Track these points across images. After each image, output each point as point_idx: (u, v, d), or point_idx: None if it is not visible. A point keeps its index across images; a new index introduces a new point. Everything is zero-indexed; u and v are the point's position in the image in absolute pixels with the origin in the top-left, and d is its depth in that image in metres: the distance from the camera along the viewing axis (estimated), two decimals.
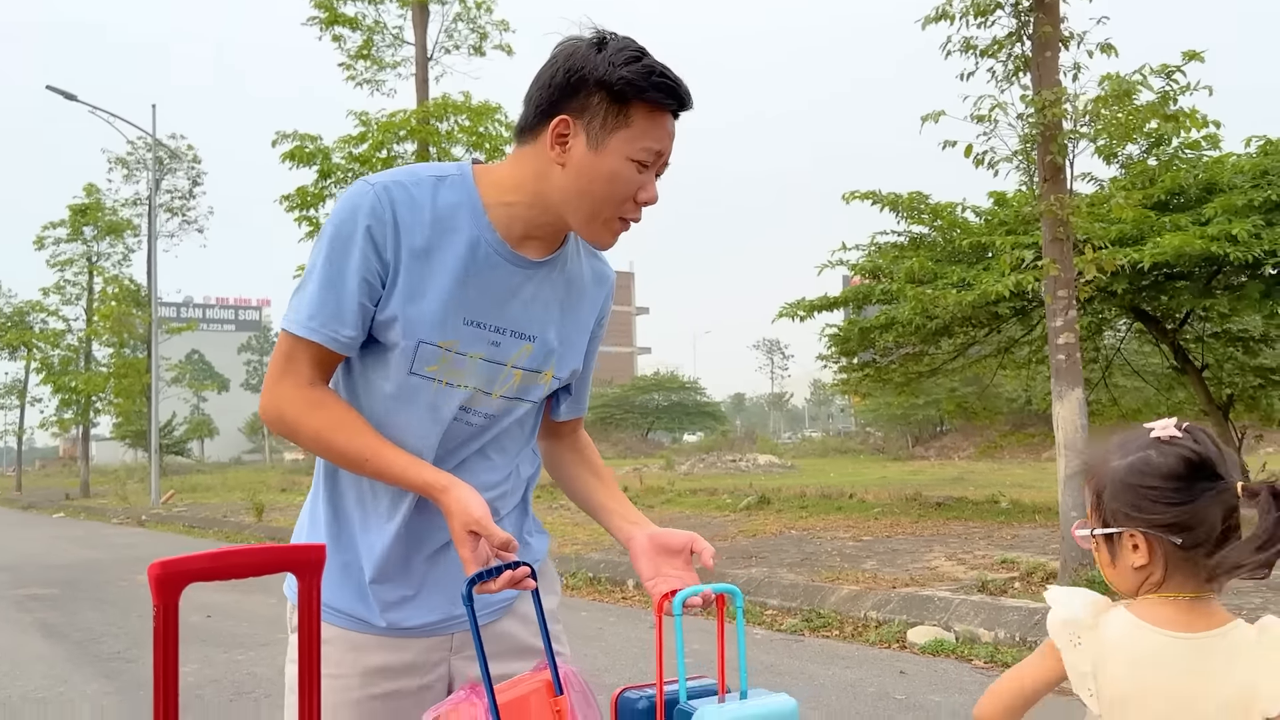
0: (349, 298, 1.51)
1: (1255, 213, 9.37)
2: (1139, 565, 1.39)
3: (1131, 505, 1.38)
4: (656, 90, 1.47)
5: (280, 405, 1.55)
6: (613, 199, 1.51)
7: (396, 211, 1.51)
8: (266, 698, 5.22)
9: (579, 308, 1.69)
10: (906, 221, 12.03)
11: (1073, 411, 6.63)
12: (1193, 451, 1.38)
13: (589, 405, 1.88)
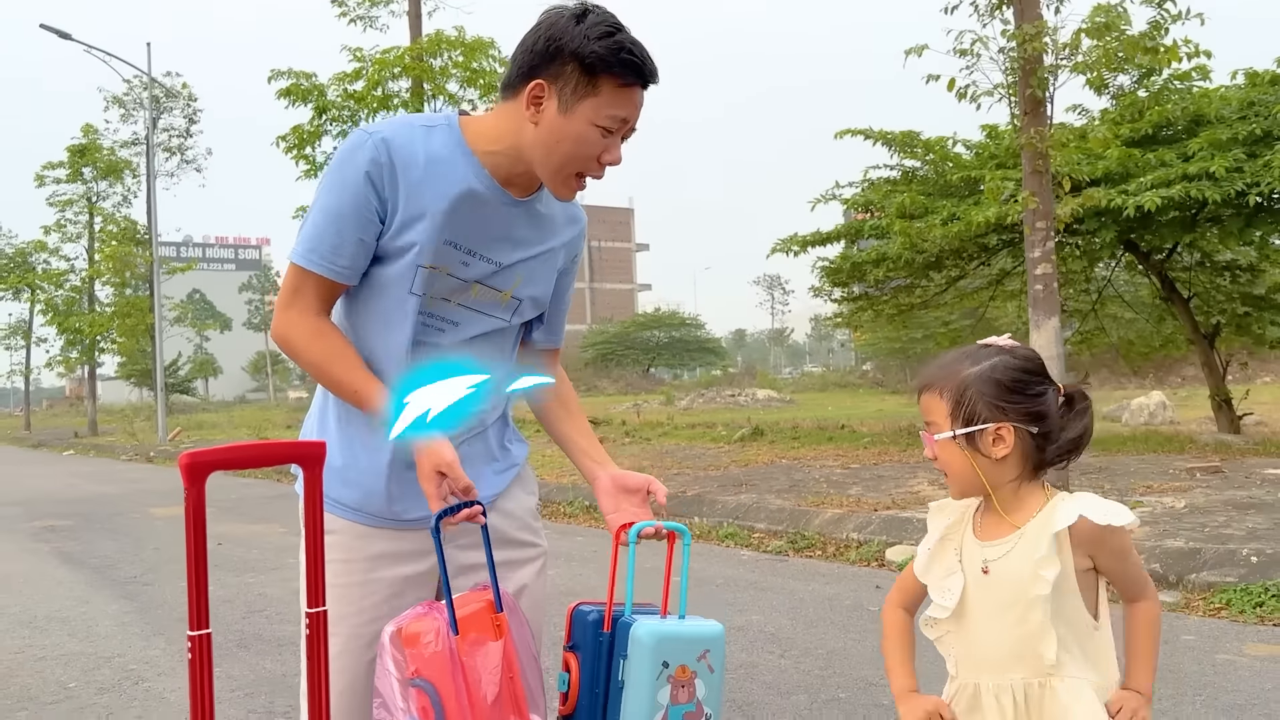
0: (348, 234, 1.72)
1: (1239, 146, 9.50)
2: (1001, 456, 1.60)
3: (999, 399, 1.59)
4: (623, 66, 1.66)
5: (286, 330, 1.78)
6: (577, 158, 1.71)
7: (393, 157, 1.72)
8: (278, 615, 5.53)
9: (547, 242, 1.89)
10: (899, 156, 12.15)
11: (1049, 340, 6.86)
12: (1033, 355, 1.63)
13: (594, 342, 2.12)
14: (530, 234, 1.85)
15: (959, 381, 1.62)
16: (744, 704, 3.72)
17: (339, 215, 1.72)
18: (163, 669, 4.52)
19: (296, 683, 4.16)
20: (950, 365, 1.66)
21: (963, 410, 1.61)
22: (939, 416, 1.64)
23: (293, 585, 6.36)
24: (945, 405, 1.63)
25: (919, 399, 1.70)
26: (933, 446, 1.66)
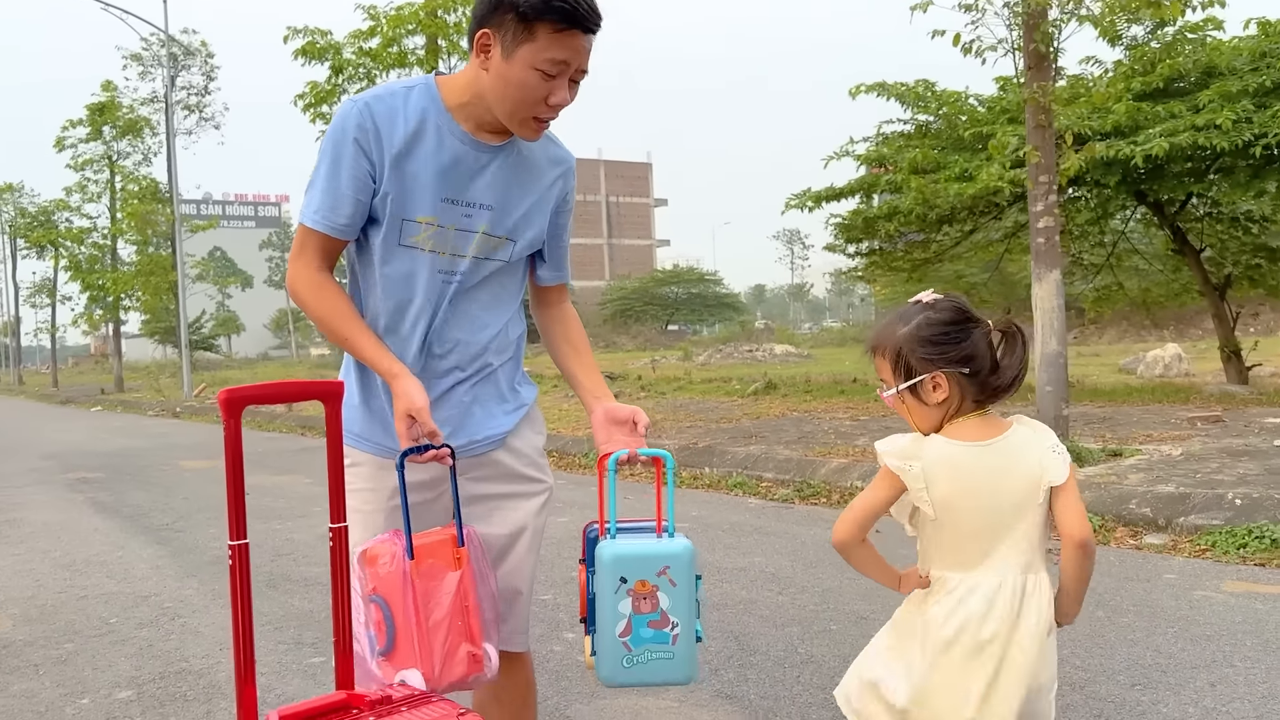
0: (344, 193, 1.93)
1: (1249, 98, 9.52)
2: (940, 400, 1.81)
3: (928, 352, 1.80)
4: (554, 14, 1.78)
5: (295, 282, 2.00)
6: (524, 102, 1.87)
7: (377, 121, 1.92)
8: (305, 557, 5.81)
9: (534, 184, 2.06)
10: (913, 111, 12.18)
11: (1050, 293, 7.00)
12: (955, 305, 1.82)
13: (612, 298, 2.33)
14: (515, 177, 2.02)
15: (894, 342, 1.85)
16: (739, 634, 3.96)
17: (333, 177, 1.93)
18: (197, 606, 4.80)
19: (322, 618, 4.45)
20: (887, 328, 1.88)
21: (900, 367, 1.83)
22: (886, 375, 1.88)
23: (318, 531, 6.66)
24: (888, 364, 1.86)
25: (872, 361, 1.91)
26: (888, 401, 1.89)
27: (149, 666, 3.90)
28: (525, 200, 2.05)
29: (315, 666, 3.83)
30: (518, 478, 2.12)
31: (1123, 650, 3.59)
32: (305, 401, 1.74)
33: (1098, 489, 5.90)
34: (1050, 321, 7.03)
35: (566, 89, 1.88)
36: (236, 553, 1.52)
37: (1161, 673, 3.36)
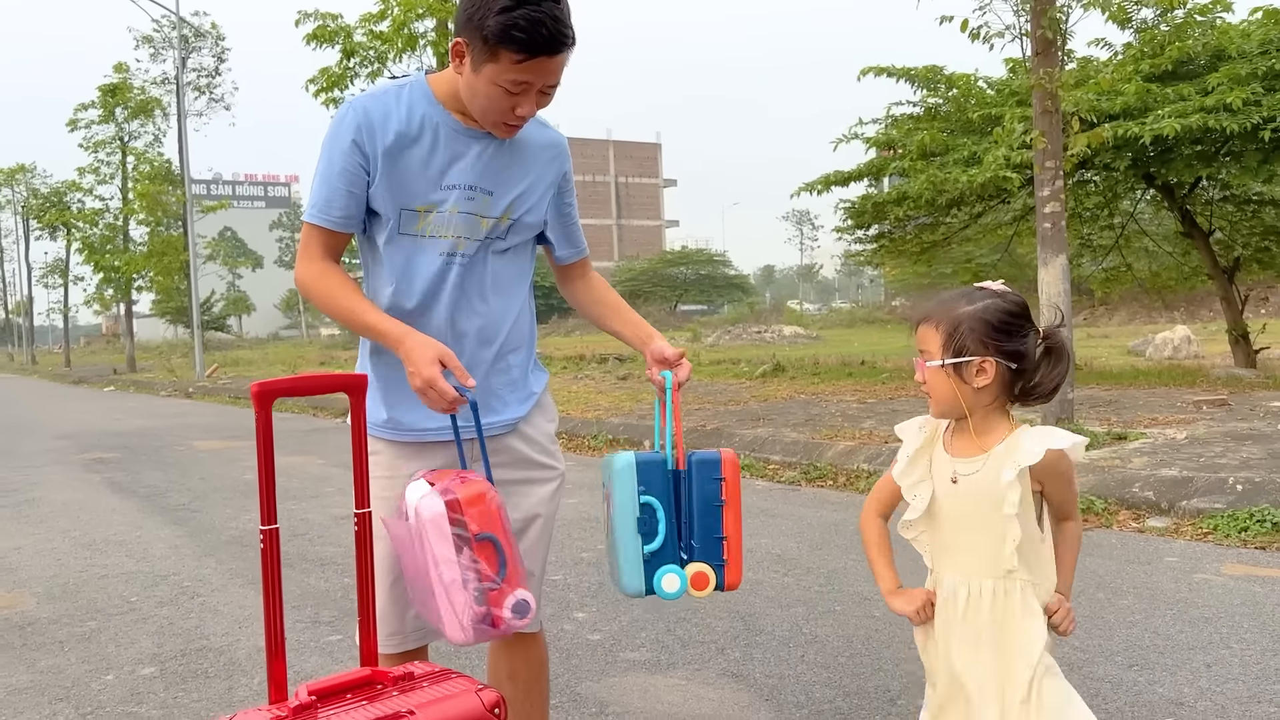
0: (337, 188, 2.01)
1: (1258, 81, 9.52)
2: (980, 386, 1.85)
3: (987, 336, 1.83)
4: (512, 43, 1.83)
5: (301, 275, 2.08)
6: (491, 111, 1.96)
7: (371, 119, 2.01)
8: (319, 537, 5.92)
9: (529, 166, 2.14)
10: (923, 93, 12.18)
11: (1056, 276, 7.05)
12: (1021, 300, 1.88)
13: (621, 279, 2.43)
14: (510, 160, 2.10)
15: (954, 317, 1.87)
16: (745, 614, 4.05)
17: (331, 175, 2.02)
18: (215, 586, 4.91)
19: (338, 596, 4.55)
20: (948, 302, 1.90)
21: (954, 343, 1.86)
22: (933, 346, 1.89)
23: (331, 511, 6.77)
24: (939, 337, 1.88)
25: (915, 329, 1.96)
26: (923, 371, 1.92)
27: (170, 644, 4.01)
28: (522, 181, 2.12)
29: (333, 644, 3.93)
30: (530, 464, 2.20)
31: (1121, 632, 3.67)
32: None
33: (1101, 472, 5.97)
34: (1056, 306, 7.07)
35: (533, 102, 1.95)
36: (267, 537, 1.60)
37: (1159, 654, 3.44)
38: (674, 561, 2.08)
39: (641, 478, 2.07)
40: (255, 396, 1.58)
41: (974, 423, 1.91)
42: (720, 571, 2.10)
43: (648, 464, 2.07)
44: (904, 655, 3.51)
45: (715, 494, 2.09)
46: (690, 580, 2.07)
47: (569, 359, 21.76)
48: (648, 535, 2.07)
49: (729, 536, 2.09)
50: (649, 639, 3.81)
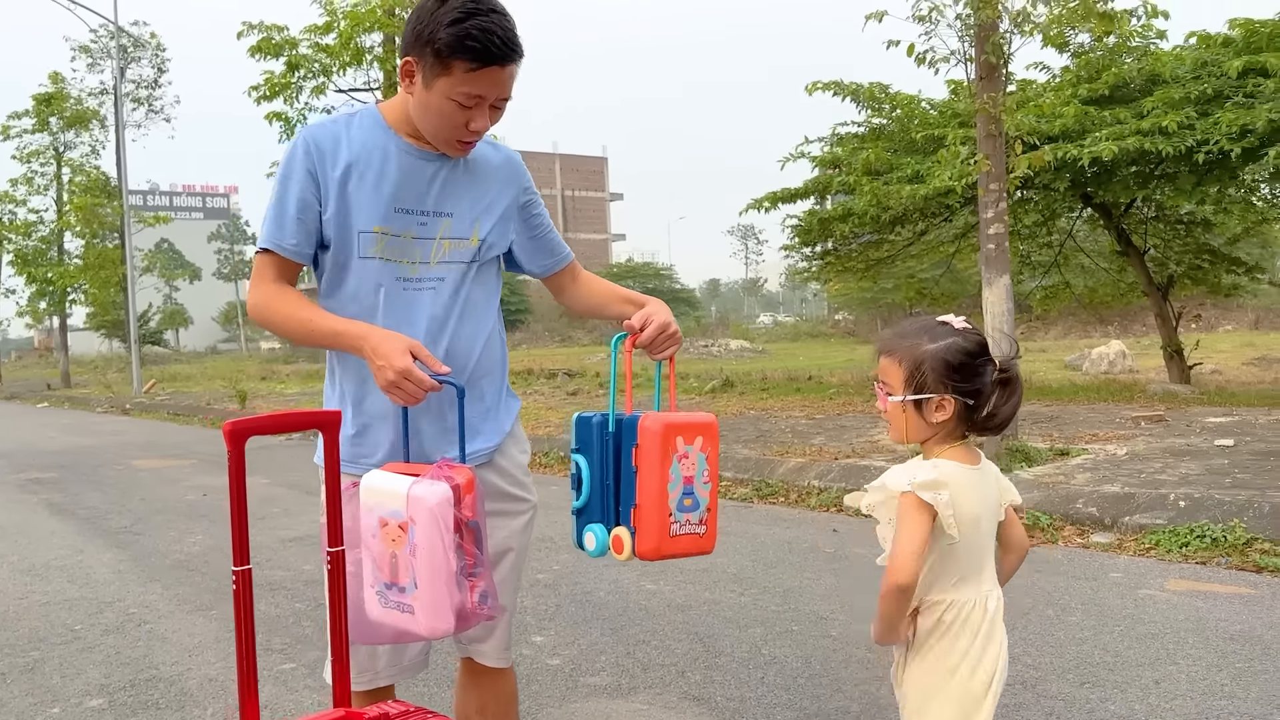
0: (290, 215, 2.01)
1: (1191, 105, 9.82)
2: (939, 420, 1.90)
3: (947, 376, 1.88)
4: (466, 53, 1.85)
5: (255, 301, 2.06)
6: (444, 128, 1.96)
7: (323, 149, 2.01)
8: (267, 561, 5.82)
9: (488, 186, 2.14)
10: (868, 112, 12.37)
11: (1000, 296, 7.19)
12: (980, 339, 1.92)
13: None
14: (467, 180, 2.10)
15: (916, 356, 1.91)
16: (704, 635, 4.07)
17: (283, 205, 2.01)
18: (163, 612, 4.81)
19: (289, 622, 4.48)
20: (910, 337, 1.94)
21: (915, 380, 1.90)
22: (894, 380, 1.93)
23: (278, 534, 6.66)
24: (901, 373, 1.92)
25: (878, 358, 1.99)
26: (884, 402, 1.97)
27: (118, 674, 3.92)
28: (482, 200, 2.12)
29: (286, 673, 3.86)
30: (503, 496, 2.19)
31: (1072, 649, 3.75)
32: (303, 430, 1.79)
33: (1046, 489, 6.09)
34: (1000, 325, 7.21)
35: (486, 116, 1.96)
36: (240, 578, 1.58)
37: (1109, 670, 3.52)
38: (601, 521, 2.05)
39: (577, 435, 2.06)
40: (228, 436, 1.57)
41: (927, 450, 1.96)
42: (633, 537, 2.01)
43: (582, 421, 2.06)
44: (862, 676, 3.55)
45: (631, 459, 2.02)
46: (610, 542, 2.04)
47: (515, 374, 21.66)
48: (576, 491, 2.07)
49: (640, 504, 1.99)
50: (609, 663, 3.81)
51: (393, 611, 1.85)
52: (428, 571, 1.78)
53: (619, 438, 2.03)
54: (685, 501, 2.04)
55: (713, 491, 2.08)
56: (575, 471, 2.06)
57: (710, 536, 2.08)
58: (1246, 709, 3.14)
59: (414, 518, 1.77)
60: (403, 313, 2.04)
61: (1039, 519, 5.72)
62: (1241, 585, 4.54)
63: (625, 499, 2.03)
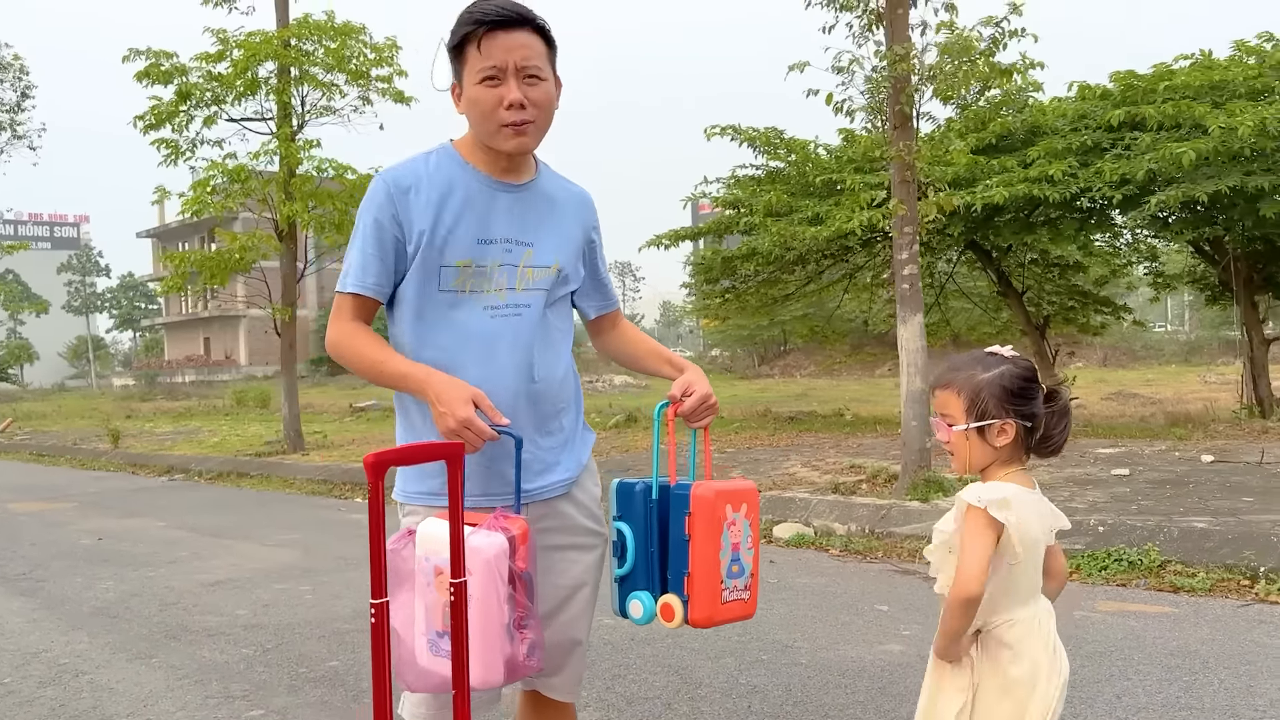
0: (372, 256, 2.04)
1: (1072, 155, 10.49)
2: (1001, 445, 2.03)
3: (1006, 401, 2.01)
4: (468, 27, 1.99)
5: (332, 337, 2.08)
6: (486, 116, 2.02)
7: (403, 187, 2.04)
8: (194, 606, 5.59)
9: (564, 219, 2.20)
10: (765, 156, 12.75)
11: (914, 334, 7.51)
12: (1031, 365, 2.06)
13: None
14: (545, 211, 2.16)
15: (974, 384, 2.03)
16: (677, 668, 4.11)
17: (364, 244, 2.05)
18: (99, 662, 4.57)
19: (242, 669, 4.34)
20: (965, 369, 2.06)
21: (976, 408, 2.02)
22: (955, 410, 2.05)
23: (196, 578, 6.40)
24: (961, 402, 2.04)
25: (934, 394, 2.10)
26: (947, 433, 2.07)
27: None
28: (557, 231, 2.17)
29: (257, 718, 3.74)
30: (579, 530, 2.20)
31: None
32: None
33: None
34: (915, 361, 7.53)
35: (515, 89, 2.00)
36: (378, 610, 1.57)
37: (1072, 689, 3.70)
38: (646, 588, 2.08)
39: (619, 503, 2.10)
40: (369, 467, 1.57)
41: (985, 478, 2.08)
42: (686, 607, 2.05)
43: (625, 490, 2.10)
44: (844, 701, 3.66)
45: (683, 528, 2.05)
46: (659, 610, 2.08)
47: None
48: (619, 559, 2.10)
49: (693, 573, 2.03)
50: (593, 698, 3.81)
51: (442, 659, 1.83)
52: (480, 622, 1.79)
53: (664, 505, 2.08)
54: (733, 568, 2.08)
55: (755, 557, 2.13)
56: (618, 539, 2.09)
57: (753, 602, 2.12)
58: (1205, 718, 3.37)
59: (470, 568, 1.78)
60: (490, 339, 2.06)
61: None
62: (1164, 605, 4.85)
63: (673, 566, 2.06)
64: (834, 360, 31.39)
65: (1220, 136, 9.24)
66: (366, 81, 14.09)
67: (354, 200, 13.95)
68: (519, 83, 2.00)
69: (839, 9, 7.67)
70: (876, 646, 4.33)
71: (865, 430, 12.97)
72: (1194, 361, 32.50)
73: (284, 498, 10.59)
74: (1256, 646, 4.12)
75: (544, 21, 2.05)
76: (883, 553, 6.28)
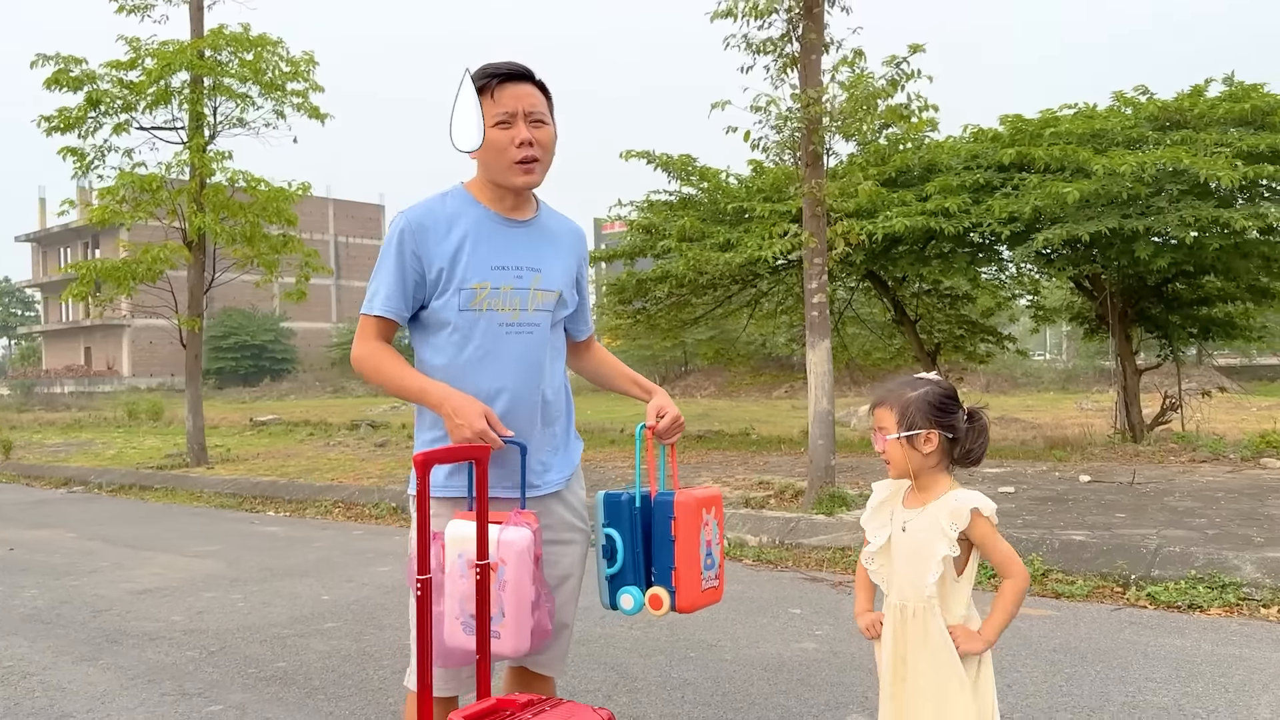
0: (394, 284, 2.36)
1: (965, 192, 11.22)
2: (928, 452, 2.41)
3: (932, 415, 2.39)
4: (484, 77, 2.36)
5: (358, 354, 2.39)
6: (499, 152, 2.37)
7: (424, 224, 2.37)
8: (128, 612, 5.68)
9: (562, 249, 2.55)
10: (679, 183, 13.23)
11: (822, 358, 8.01)
12: (951, 388, 2.46)
13: (341, 342, 2.81)
14: (547, 243, 2.51)
15: (904, 400, 2.42)
16: (613, 665, 4.43)
17: (387, 273, 2.37)
18: (44, 664, 4.66)
19: (191, 669, 4.51)
20: (898, 389, 2.45)
21: (906, 420, 2.41)
22: (889, 423, 2.43)
23: (123, 586, 6.45)
24: (894, 415, 2.42)
25: (872, 410, 2.48)
26: (883, 443, 2.45)
27: None
28: (559, 260, 2.53)
29: (216, 714, 3.92)
30: (569, 527, 2.54)
31: None
32: (459, 460, 2.09)
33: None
34: (822, 384, 8.02)
35: (525, 129, 2.37)
36: (423, 585, 1.87)
37: None
38: (635, 584, 2.44)
39: (607, 512, 2.45)
40: (419, 465, 1.88)
41: (919, 483, 2.47)
42: (673, 596, 2.42)
43: (612, 501, 2.45)
44: (768, 690, 4.04)
45: (667, 530, 2.43)
46: (648, 600, 2.44)
47: (312, 425, 21.07)
48: (608, 561, 2.45)
49: (678, 567, 2.41)
50: None
51: (472, 636, 2.15)
52: (514, 603, 2.12)
53: (646, 513, 2.44)
54: (707, 561, 2.48)
55: (721, 550, 2.54)
56: (607, 543, 2.45)
57: (722, 587, 2.54)
58: (1084, 703, 3.85)
59: (504, 559, 2.12)
60: (506, 353, 2.38)
61: None
62: (1047, 609, 5.36)
63: (658, 564, 2.43)
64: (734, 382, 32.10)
65: (1103, 178, 10.04)
66: (282, 95, 14.09)
67: (265, 213, 13.94)
68: (527, 125, 2.36)
69: (756, 52, 8.15)
70: (793, 644, 4.73)
71: (770, 449, 13.50)
72: (1071, 389, 34.19)
73: (193, 511, 10.54)
74: (1127, 643, 4.64)
75: (542, 79, 2.42)
76: (792, 562, 6.71)
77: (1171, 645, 4.58)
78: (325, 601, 5.89)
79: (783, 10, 7.98)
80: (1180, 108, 11.63)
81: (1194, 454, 10.83)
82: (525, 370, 2.41)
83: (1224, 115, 11.09)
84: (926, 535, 2.40)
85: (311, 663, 4.61)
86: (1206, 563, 5.66)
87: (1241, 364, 48.85)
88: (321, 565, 7.05)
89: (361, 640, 5.00)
